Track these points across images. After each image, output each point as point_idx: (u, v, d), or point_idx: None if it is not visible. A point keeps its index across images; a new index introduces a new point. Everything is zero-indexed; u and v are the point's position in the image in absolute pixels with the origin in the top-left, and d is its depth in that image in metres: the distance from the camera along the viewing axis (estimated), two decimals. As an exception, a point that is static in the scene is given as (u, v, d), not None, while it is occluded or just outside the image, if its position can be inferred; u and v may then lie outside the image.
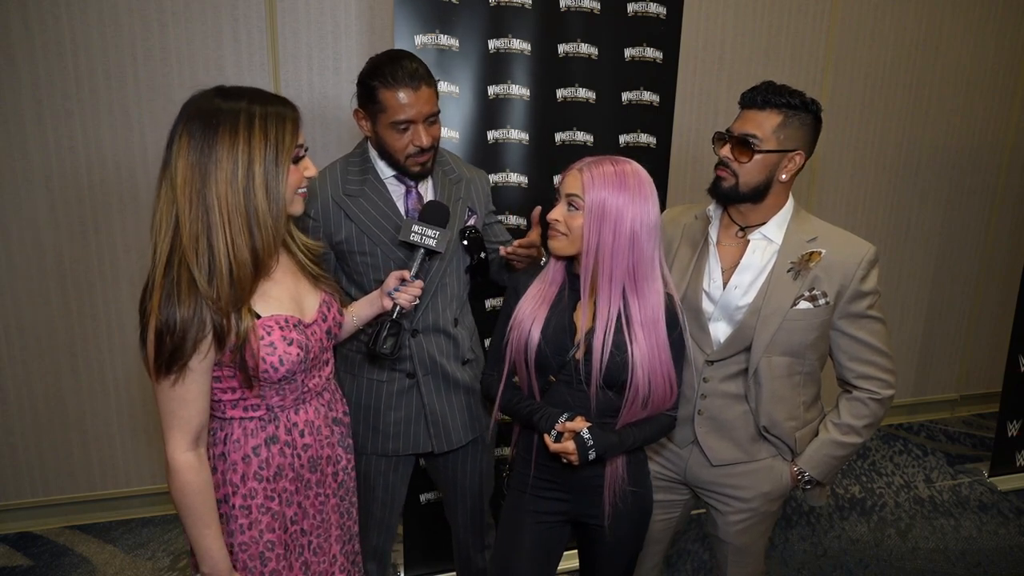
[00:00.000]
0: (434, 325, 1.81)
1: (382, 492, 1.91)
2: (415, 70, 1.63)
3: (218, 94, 1.25)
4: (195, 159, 1.21)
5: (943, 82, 3.56)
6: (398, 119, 1.63)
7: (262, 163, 1.24)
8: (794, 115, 1.57)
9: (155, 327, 1.20)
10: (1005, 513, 3.12)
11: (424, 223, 1.62)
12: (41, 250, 2.57)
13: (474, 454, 1.97)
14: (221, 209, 1.21)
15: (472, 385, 1.89)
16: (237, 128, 1.22)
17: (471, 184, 1.88)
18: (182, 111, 1.25)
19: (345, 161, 1.80)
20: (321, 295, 1.45)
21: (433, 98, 1.67)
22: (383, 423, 1.83)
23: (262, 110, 1.25)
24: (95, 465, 2.80)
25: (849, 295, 1.59)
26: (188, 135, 1.21)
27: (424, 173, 1.75)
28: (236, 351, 1.26)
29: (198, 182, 1.21)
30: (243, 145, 1.22)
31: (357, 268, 1.77)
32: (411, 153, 1.68)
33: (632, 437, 1.52)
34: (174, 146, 1.22)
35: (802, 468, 1.68)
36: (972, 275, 3.92)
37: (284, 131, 1.27)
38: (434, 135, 1.70)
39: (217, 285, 1.22)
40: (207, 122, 1.21)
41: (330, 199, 1.73)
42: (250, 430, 1.34)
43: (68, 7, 2.42)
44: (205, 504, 1.28)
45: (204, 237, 1.21)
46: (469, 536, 2.07)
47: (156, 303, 1.20)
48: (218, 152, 1.21)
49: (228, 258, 1.22)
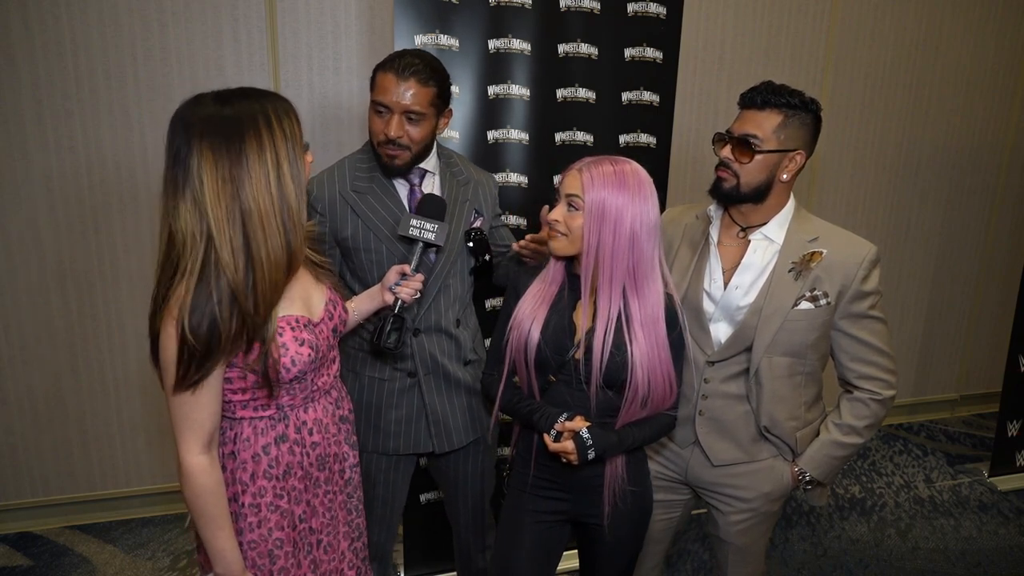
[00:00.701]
0: (436, 325, 1.81)
1: (383, 490, 1.91)
2: (411, 63, 1.64)
3: (219, 101, 1.23)
4: (225, 172, 1.18)
5: (943, 82, 3.56)
6: (377, 99, 1.66)
7: (288, 160, 1.24)
8: (794, 115, 1.57)
9: (182, 339, 1.19)
10: (1005, 513, 3.12)
11: (422, 216, 1.62)
12: (41, 250, 2.57)
13: (475, 455, 1.96)
14: (259, 215, 1.20)
15: (474, 386, 1.89)
16: (260, 131, 1.21)
17: (479, 186, 1.89)
18: (182, 126, 1.20)
19: (353, 158, 1.81)
20: (327, 294, 1.45)
21: (421, 98, 1.65)
22: (383, 421, 1.83)
23: (272, 107, 1.25)
24: (95, 465, 2.80)
25: (850, 295, 1.59)
26: (211, 149, 1.18)
27: (395, 169, 1.73)
28: (262, 355, 1.26)
29: (230, 194, 1.19)
30: (269, 147, 1.21)
31: (362, 264, 1.77)
32: (381, 140, 1.69)
33: (632, 437, 1.52)
34: (191, 163, 1.18)
35: (803, 468, 1.68)
36: (972, 275, 3.92)
37: (294, 123, 1.27)
38: (410, 134, 1.67)
39: (256, 291, 1.22)
40: (228, 132, 1.19)
41: (337, 195, 1.75)
42: (260, 429, 1.35)
43: (68, 7, 2.42)
44: (218, 506, 1.29)
45: (243, 247, 1.20)
46: (470, 536, 2.07)
47: (181, 317, 1.18)
48: (249, 160, 1.19)
49: (267, 262, 1.22)
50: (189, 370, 1.21)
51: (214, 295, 1.19)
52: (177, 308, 1.19)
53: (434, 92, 1.68)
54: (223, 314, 1.20)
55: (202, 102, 1.23)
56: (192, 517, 1.31)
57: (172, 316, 1.20)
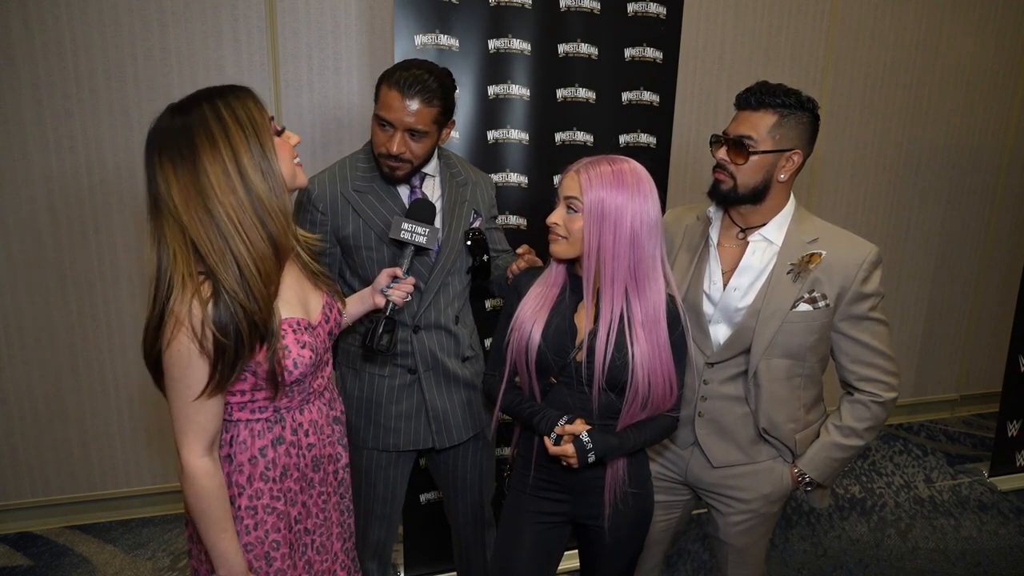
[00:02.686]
0: (436, 322, 1.83)
1: (383, 488, 1.91)
2: (417, 81, 1.64)
3: (172, 112, 1.23)
4: (186, 179, 1.19)
5: (943, 82, 3.56)
6: (380, 114, 1.67)
7: (248, 151, 1.22)
8: (789, 114, 1.56)
9: (216, 342, 1.20)
10: (1005, 513, 3.12)
11: (413, 220, 1.64)
12: (41, 250, 2.57)
13: (475, 451, 1.97)
14: (229, 214, 1.20)
15: (472, 381, 1.91)
16: (210, 129, 1.20)
17: (476, 187, 1.90)
18: (148, 147, 1.22)
19: (354, 158, 1.83)
20: (324, 297, 1.46)
21: (424, 116, 1.66)
22: (384, 417, 1.84)
23: (222, 102, 1.23)
24: (95, 465, 2.80)
25: (850, 297, 1.59)
26: (169, 161, 1.19)
27: (394, 179, 1.75)
28: (269, 354, 1.26)
29: (198, 199, 1.19)
30: (223, 143, 1.20)
31: (363, 263, 1.79)
32: (382, 153, 1.71)
33: (633, 439, 1.52)
34: (158, 179, 1.20)
35: (803, 470, 1.68)
36: (972, 275, 3.92)
37: (251, 111, 1.24)
38: (412, 149, 1.69)
39: (251, 288, 1.22)
40: (180, 140, 1.19)
41: (339, 194, 1.76)
42: (257, 431, 1.35)
43: (68, 7, 2.41)
44: (221, 508, 1.29)
45: (226, 248, 1.20)
46: (469, 535, 2.07)
47: (194, 323, 1.19)
48: (203, 162, 1.19)
49: (251, 257, 1.22)
50: (224, 373, 1.22)
51: (224, 295, 1.20)
52: (187, 318, 1.19)
53: (438, 110, 1.68)
54: (237, 312, 1.20)
55: (162, 116, 1.24)
56: (193, 520, 1.31)
57: (182, 326, 1.19)
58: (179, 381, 1.23)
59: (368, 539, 1.96)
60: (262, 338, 1.25)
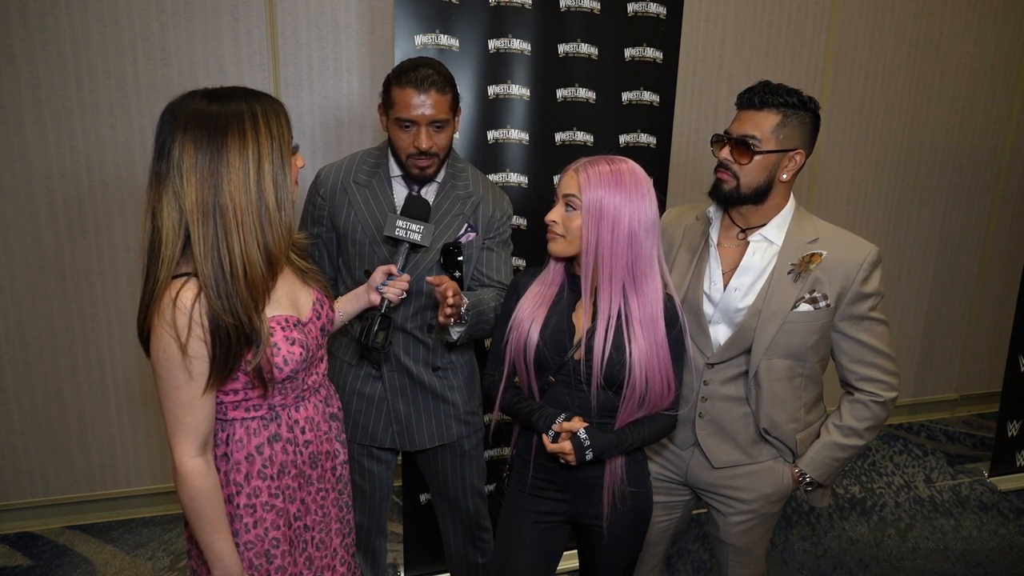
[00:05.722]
0: (402, 326, 1.83)
1: (357, 476, 1.93)
2: (428, 75, 1.67)
3: (208, 97, 1.24)
4: (204, 165, 1.19)
5: (943, 82, 3.56)
6: (401, 116, 1.69)
7: (270, 160, 1.24)
8: (792, 114, 1.56)
9: (214, 330, 1.20)
10: (1005, 513, 3.12)
11: (408, 217, 1.65)
12: (41, 250, 2.57)
13: (453, 461, 1.97)
14: (235, 211, 1.21)
15: (443, 393, 1.89)
16: (244, 128, 1.22)
17: (482, 204, 1.87)
18: (169, 120, 1.22)
19: (365, 153, 1.87)
20: (314, 293, 1.46)
21: (442, 106, 1.70)
22: (353, 409, 1.88)
23: (261, 107, 1.25)
24: (95, 465, 2.80)
25: (850, 297, 1.59)
26: (192, 140, 1.19)
27: (424, 178, 1.77)
28: (256, 354, 1.27)
29: (210, 188, 1.20)
30: (252, 145, 1.22)
31: (348, 255, 1.82)
32: (411, 153, 1.73)
33: (631, 438, 1.52)
34: (173, 156, 1.20)
35: (803, 470, 1.68)
36: (972, 275, 3.91)
37: (283, 126, 1.28)
38: (438, 142, 1.72)
39: (234, 289, 1.22)
40: (212, 124, 1.20)
41: (339, 183, 1.82)
42: (252, 429, 1.35)
43: (68, 7, 2.41)
44: (215, 508, 1.29)
45: (219, 241, 1.21)
46: (459, 540, 2.09)
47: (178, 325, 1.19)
48: (229, 156, 1.20)
49: (240, 258, 1.22)
50: (225, 361, 1.22)
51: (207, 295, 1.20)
52: (169, 315, 1.19)
53: (451, 96, 1.74)
54: (219, 314, 1.21)
55: (193, 97, 1.24)
56: (188, 520, 1.31)
57: (165, 324, 1.19)
58: (166, 381, 1.23)
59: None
60: (248, 340, 1.25)
